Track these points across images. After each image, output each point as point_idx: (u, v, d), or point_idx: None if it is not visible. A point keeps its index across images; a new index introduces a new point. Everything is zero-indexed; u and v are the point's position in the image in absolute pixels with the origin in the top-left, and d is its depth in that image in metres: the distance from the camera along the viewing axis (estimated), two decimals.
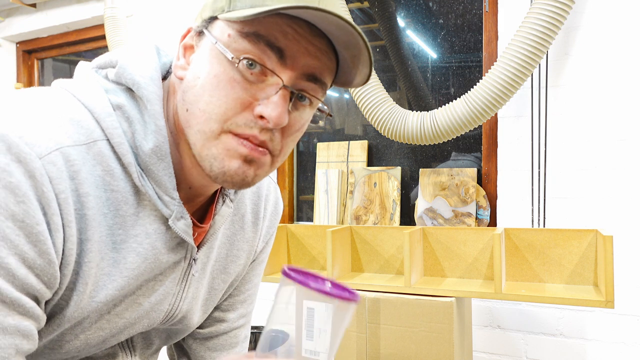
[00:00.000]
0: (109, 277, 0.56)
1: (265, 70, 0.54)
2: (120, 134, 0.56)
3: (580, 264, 1.46)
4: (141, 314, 0.63)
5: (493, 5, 2.03)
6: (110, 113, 0.56)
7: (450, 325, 1.42)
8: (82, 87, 0.58)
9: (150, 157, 0.57)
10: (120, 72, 0.59)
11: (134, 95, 0.58)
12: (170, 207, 0.59)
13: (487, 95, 1.73)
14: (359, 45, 0.54)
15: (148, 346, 0.73)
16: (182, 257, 0.64)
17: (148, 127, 0.57)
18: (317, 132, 2.58)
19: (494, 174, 2.05)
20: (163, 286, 0.63)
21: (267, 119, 0.53)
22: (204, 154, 0.55)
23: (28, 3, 2.97)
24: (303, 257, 1.82)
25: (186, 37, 0.60)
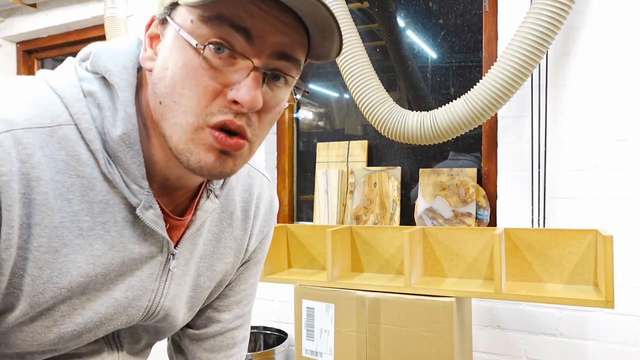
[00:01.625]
0: (74, 264, 0.55)
1: (234, 54, 0.52)
2: (89, 119, 0.55)
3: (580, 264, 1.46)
4: (118, 310, 0.62)
5: (493, 5, 2.03)
6: (80, 99, 0.56)
7: (450, 325, 1.42)
8: (56, 75, 0.58)
9: (119, 145, 0.56)
10: (94, 61, 0.58)
11: (107, 84, 0.58)
12: (138, 196, 0.57)
13: (487, 95, 1.73)
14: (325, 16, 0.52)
15: (136, 342, 0.72)
16: (158, 251, 0.63)
17: (118, 114, 0.56)
18: (317, 132, 2.58)
19: (494, 174, 2.05)
20: (139, 281, 0.62)
21: (241, 104, 0.52)
22: (180, 147, 0.54)
23: (28, 3, 2.97)
24: (303, 257, 1.82)
25: (150, 27, 0.58)
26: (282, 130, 2.57)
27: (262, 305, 2.50)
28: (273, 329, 2.41)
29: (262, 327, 2.45)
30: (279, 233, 1.78)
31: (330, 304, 1.60)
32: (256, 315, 2.52)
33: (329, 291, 1.60)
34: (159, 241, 0.62)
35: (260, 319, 2.51)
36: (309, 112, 2.61)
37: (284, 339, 2.31)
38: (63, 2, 2.95)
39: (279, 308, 2.45)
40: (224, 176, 0.57)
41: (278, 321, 2.45)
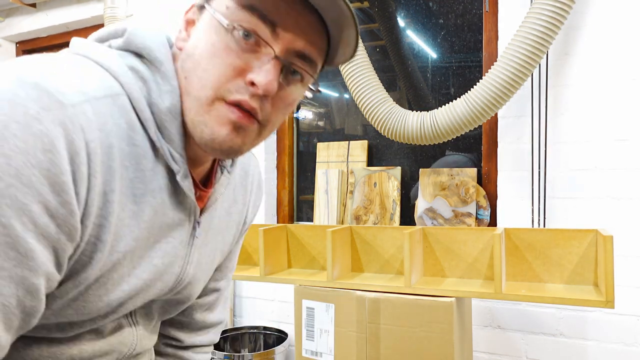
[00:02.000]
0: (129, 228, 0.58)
1: (259, 41, 0.57)
2: (138, 89, 0.58)
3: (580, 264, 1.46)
4: (156, 276, 0.65)
5: (493, 5, 2.03)
6: (126, 71, 0.58)
7: (450, 325, 1.42)
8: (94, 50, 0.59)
9: (166, 115, 0.59)
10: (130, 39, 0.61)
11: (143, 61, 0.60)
12: (179, 165, 0.61)
13: (487, 95, 1.72)
14: (349, 22, 0.58)
15: (149, 320, 0.76)
16: (186, 218, 0.67)
17: (162, 87, 0.59)
18: (317, 132, 2.58)
19: (494, 174, 2.05)
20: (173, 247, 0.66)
21: (258, 85, 0.56)
22: (196, 120, 0.58)
23: (28, 3, 2.97)
24: (303, 257, 1.82)
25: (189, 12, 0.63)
26: (282, 130, 2.57)
27: (262, 305, 2.50)
28: (273, 329, 2.41)
29: (262, 327, 2.45)
30: (279, 233, 1.78)
31: (330, 304, 1.60)
32: (256, 315, 2.52)
33: (329, 291, 1.60)
34: (187, 209, 0.66)
35: (260, 319, 2.51)
36: (309, 112, 2.61)
37: (284, 339, 2.31)
38: (63, 2, 2.95)
39: (279, 308, 2.45)
40: (231, 152, 0.60)
41: (278, 321, 2.45)
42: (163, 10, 2.69)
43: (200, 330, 0.91)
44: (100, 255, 0.56)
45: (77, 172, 0.50)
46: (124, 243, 0.58)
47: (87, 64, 0.57)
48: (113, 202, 0.55)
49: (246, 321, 2.53)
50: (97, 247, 0.55)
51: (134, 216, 0.58)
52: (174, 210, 0.64)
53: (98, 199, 0.53)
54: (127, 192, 0.57)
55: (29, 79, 0.48)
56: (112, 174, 0.54)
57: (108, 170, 0.54)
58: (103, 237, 0.55)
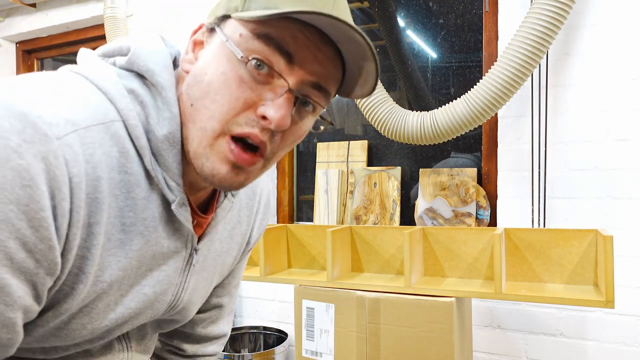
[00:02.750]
0: (115, 258, 0.56)
1: (273, 72, 0.54)
2: (135, 116, 0.56)
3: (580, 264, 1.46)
4: (146, 305, 0.63)
5: (493, 5, 2.03)
6: (124, 95, 0.56)
7: (450, 325, 1.42)
8: (94, 70, 0.58)
9: (163, 143, 0.57)
10: (133, 59, 0.59)
11: (146, 82, 0.59)
12: (175, 193, 0.59)
13: (487, 95, 1.72)
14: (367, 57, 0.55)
15: (143, 337, 0.74)
16: (182, 246, 0.64)
17: (162, 114, 0.57)
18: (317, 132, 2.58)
19: (494, 174, 2.05)
20: (166, 275, 0.64)
21: (270, 120, 0.54)
22: (199, 151, 0.56)
23: (28, 3, 2.97)
24: (303, 257, 1.82)
25: (197, 33, 0.61)
26: None
27: (262, 305, 2.50)
28: (273, 329, 2.41)
29: (262, 327, 2.45)
30: (279, 233, 1.78)
31: (330, 304, 1.60)
32: (256, 315, 2.52)
33: (329, 291, 1.60)
34: (184, 236, 0.64)
35: (260, 319, 2.51)
36: None
37: (284, 339, 2.31)
38: (63, 2, 2.95)
39: (279, 308, 2.45)
40: (231, 189, 0.59)
41: (278, 321, 2.45)
42: (163, 10, 2.69)
43: (204, 342, 0.90)
44: (82, 286, 0.54)
45: (58, 208, 0.48)
46: (109, 273, 0.56)
47: (84, 87, 0.55)
48: (98, 234, 0.53)
49: (246, 321, 2.53)
50: (79, 278, 0.54)
51: (122, 245, 0.56)
52: (168, 239, 0.62)
53: (81, 232, 0.52)
54: (114, 222, 0.55)
55: (16, 108, 0.46)
56: (97, 206, 0.52)
57: (93, 202, 0.52)
58: (85, 268, 0.53)
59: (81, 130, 0.50)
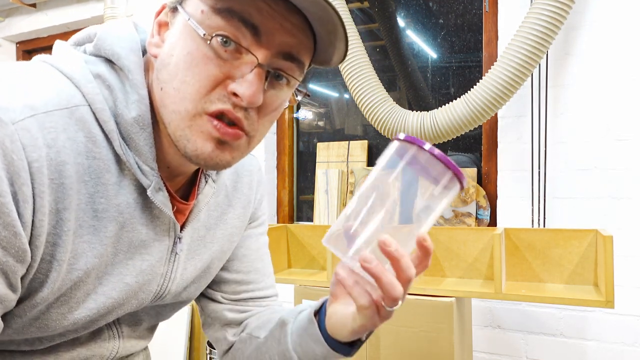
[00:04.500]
0: (89, 245, 0.55)
1: (240, 48, 0.53)
2: (102, 100, 0.54)
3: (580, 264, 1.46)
4: (129, 294, 0.62)
5: (493, 5, 2.03)
6: (90, 80, 0.55)
7: (450, 325, 1.42)
8: (61, 57, 0.57)
9: (133, 126, 0.56)
10: (99, 44, 0.58)
11: (114, 67, 0.57)
12: (150, 178, 0.58)
13: (487, 95, 1.72)
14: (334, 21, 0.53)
15: (136, 324, 0.72)
16: (165, 235, 0.63)
17: (130, 97, 0.56)
18: (317, 132, 2.58)
19: (494, 174, 2.05)
20: (149, 265, 0.63)
21: (241, 97, 0.52)
22: (177, 134, 0.55)
23: (28, 3, 2.97)
24: (303, 257, 1.82)
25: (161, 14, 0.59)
26: (282, 130, 2.57)
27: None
28: None
29: None
30: (279, 233, 1.78)
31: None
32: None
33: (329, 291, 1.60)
34: (166, 224, 0.63)
35: None
36: (309, 112, 2.61)
37: None
38: (63, 2, 2.95)
39: None
40: (219, 168, 0.58)
41: None
42: None
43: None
44: (55, 274, 0.53)
45: (19, 193, 0.47)
46: (84, 260, 0.55)
47: (49, 73, 0.54)
48: (67, 220, 0.52)
49: None
50: (52, 265, 0.53)
51: (95, 232, 0.55)
52: (146, 226, 0.60)
53: (49, 218, 0.51)
54: (86, 208, 0.54)
55: None
56: (64, 192, 0.51)
57: (59, 187, 0.51)
58: (57, 255, 0.53)
59: (40, 115, 0.49)
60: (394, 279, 0.52)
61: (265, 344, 0.73)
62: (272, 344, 0.71)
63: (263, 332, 0.74)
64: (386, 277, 0.51)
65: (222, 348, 0.83)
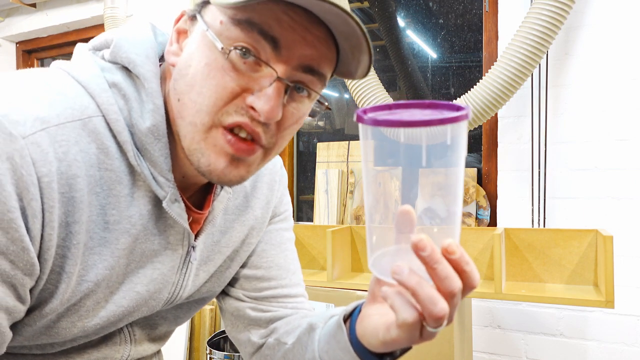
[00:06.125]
0: (100, 257, 0.54)
1: (259, 61, 0.51)
2: (116, 110, 0.53)
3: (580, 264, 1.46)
4: (139, 302, 0.61)
5: (493, 5, 2.03)
6: (105, 89, 0.54)
7: (450, 325, 1.42)
8: (77, 65, 0.56)
9: (147, 137, 0.54)
10: (115, 51, 0.57)
11: (130, 75, 0.56)
12: (165, 189, 0.56)
13: (487, 95, 1.72)
14: (357, 35, 0.50)
15: (151, 328, 0.71)
16: (179, 244, 0.62)
17: (145, 106, 0.55)
18: (317, 132, 2.58)
19: (494, 174, 2.05)
20: (161, 274, 0.62)
21: (259, 112, 0.51)
22: (192, 147, 0.54)
23: (28, 3, 2.97)
24: (303, 257, 1.82)
25: (179, 21, 0.57)
26: None
27: None
28: None
29: None
30: None
31: (330, 304, 1.59)
32: None
33: (329, 291, 1.60)
34: (180, 234, 0.62)
35: None
36: None
37: None
38: (63, 2, 2.95)
39: None
40: (232, 184, 0.56)
41: None
42: (163, 10, 2.68)
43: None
44: (65, 285, 0.53)
45: (28, 208, 0.47)
46: (94, 272, 0.55)
47: (63, 82, 0.53)
48: (78, 232, 0.52)
49: None
50: (61, 277, 0.52)
51: (106, 243, 0.54)
52: (160, 236, 0.59)
53: (58, 232, 0.50)
54: (97, 220, 0.53)
55: None
56: (75, 205, 0.50)
57: (69, 201, 0.50)
58: (67, 268, 0.52)
59: (52, 127, 0.49)
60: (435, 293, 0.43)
61: (292, 350, 0.70)
62: (299, 350, 0.68)
63: (291, 337, 0.71)
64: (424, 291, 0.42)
65: (247, 351, 0.79)
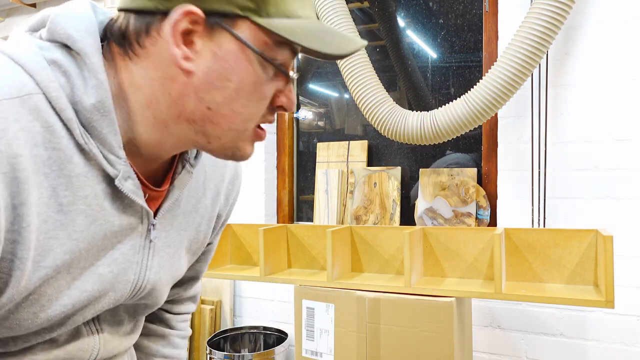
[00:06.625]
0: (57, 241, 0.53)
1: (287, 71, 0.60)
2: (57, 87, 0.52)
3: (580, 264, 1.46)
4: (104, 286, 0.60)
5: (493, 5, 2.03)
6: (44, 67, 0.52)
7: (450, 325, 1.42)
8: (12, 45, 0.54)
9: (93, 113, 0.53)
10: (52, 28, 0.55)
11: (70, 52, 0.55)
12: (117, 167, 0.56)
13: (487, 95, 1.72)
14: None
15: (117, 324, 0.70)
16: (137, 222, 0.61)
17: (88, 82, 0.53)
18: (317, 132, 2.58)
19: (494, 174, 2.05)
20: (122, 254, 0.61)
21: (286, 108, 0.61)
22: (228, 145, 0.59)
23: (28, 3, 2.97)
24: (303, 257, 1.82)
25: (181, 22, 0.53)
26: (282, 130, 2.57)
27: (262, 305, 2.50)
28: (273, 329, 2.41)
29: (262, 327, 2.45)
30: (279, 233, 1.78)
31: (330, 304, 1.60)
32: (256, 316, 2.52)
33: (329, 291, 1.60)
34: (138, 212, 0.61)
35: (260, 319, 2.51)
36: (309, 112, 2.61)
37: (284, 339, 2.31)
38: (62, 2, 2.95)
39: (278, 308, 2.45)
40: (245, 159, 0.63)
41: (278, 321, 2.45)
42: None
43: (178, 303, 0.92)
44: (19, 272, 0.51)
45: None
46: (52, 257, 0.53)
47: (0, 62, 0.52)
48: (27, 215, 0.49)
49: (246, 321, 2.53)
50: (14, 264, 0.50)
51: (62, 227, 0.53)
52: (119, 216, 0.58)
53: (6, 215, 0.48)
54: (49, 202, 0.51)
55: None
56: (19, 186, 0.48)
57: (13, 182, 0.48)
58: (19, 253, 0.50)
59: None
60: None
61: None
62: None
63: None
64: None
65: None
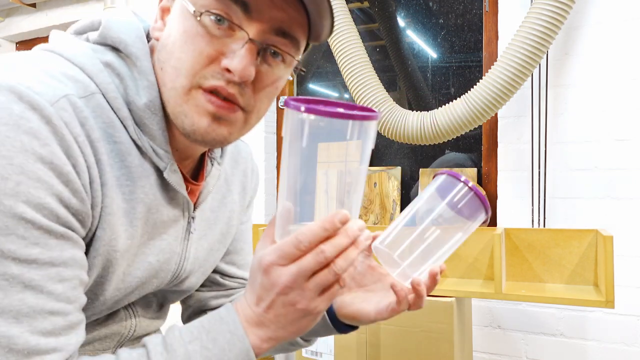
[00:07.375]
0: (122, 227, 0.57)
1: (232, 25, 0.54)
2: (114, 88, 0.56)
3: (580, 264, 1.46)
4: (151, 273, 0.64)
5: (493, 5, 2.03)
6: (101, 69, 0.57)
7: (450, 325, 1.42)
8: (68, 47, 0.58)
9: (145, 112, 0.58)
10: (104, 32, 0.59)
11: (120, 55, 0.59)
12: (165, 160, 0.60)
13: (487, 95, 1.72)
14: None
15: (148, 308, 0.75)
16: (180, 214, 0.66)
17: (139, 83, 0.58)
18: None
19: (494, 174, 2.05)
20: (168, 244, 0.65)
21: (233, 72, 0.54)
22: (176, 111, 0.57)
23: (28, 3, 2.97)
24: None
25: (163, 0, 0.61)
26: None
27: None
28: None
29: None
30: None
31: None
32: None
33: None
34: (180, 205, 0.65)
35: None
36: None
37: None
38: (63, 2, 2.95)
39: None
40: (217, 143, 0.59)
41: None
42: None
43: None
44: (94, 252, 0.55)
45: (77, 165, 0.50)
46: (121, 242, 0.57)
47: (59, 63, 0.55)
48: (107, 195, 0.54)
49: None
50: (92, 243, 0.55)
51: (126, 214, 0.58)
52: (167, 207, 0.63)
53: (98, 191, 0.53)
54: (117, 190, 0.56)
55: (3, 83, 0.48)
56: (102, 168, 0.54)
57: (98, 163, 0.53)
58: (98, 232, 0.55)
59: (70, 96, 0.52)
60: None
61: None
62: None
63: None
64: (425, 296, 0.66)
65: None
